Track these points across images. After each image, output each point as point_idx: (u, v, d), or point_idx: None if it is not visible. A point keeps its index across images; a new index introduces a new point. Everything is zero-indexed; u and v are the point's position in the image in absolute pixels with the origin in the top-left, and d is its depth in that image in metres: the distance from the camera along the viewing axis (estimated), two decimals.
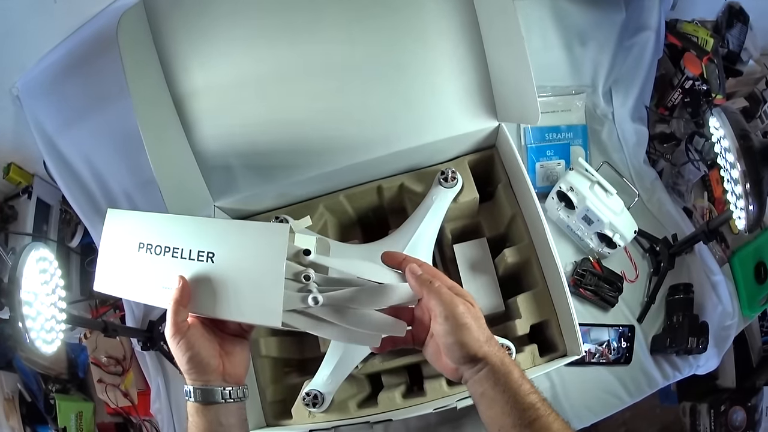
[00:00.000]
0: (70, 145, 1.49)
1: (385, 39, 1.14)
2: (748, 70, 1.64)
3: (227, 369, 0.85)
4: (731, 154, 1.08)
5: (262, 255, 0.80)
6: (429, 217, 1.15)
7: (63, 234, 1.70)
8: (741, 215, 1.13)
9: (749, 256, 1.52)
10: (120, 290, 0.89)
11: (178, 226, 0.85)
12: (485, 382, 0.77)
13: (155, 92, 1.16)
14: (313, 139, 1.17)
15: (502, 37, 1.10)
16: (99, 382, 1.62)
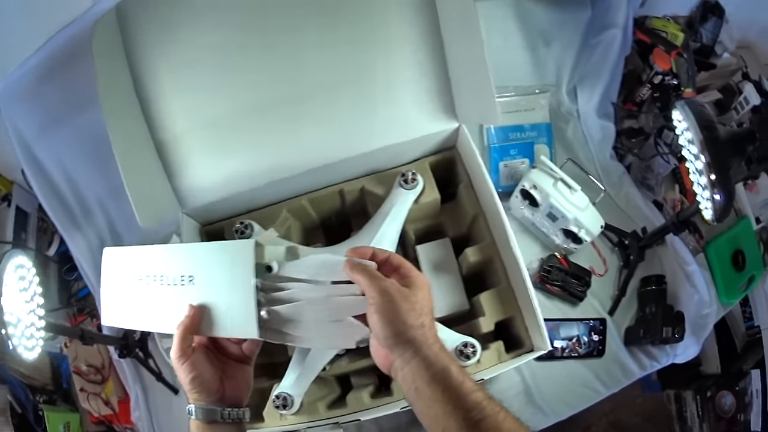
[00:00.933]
0: (46, 152, 1.44)
1: (348, 43, 1.11)
2: (722, 63, 1.59)
3: (227, 392, 0.87)
4: (694, 146, 1.05)
5: (233, 272, 0.84)
6: (390, 219, 1.10)
7: (40, 242, 1.66)
8: (708, 206, 1.09)
9: (725, 245, 1.50)
10: (124, 321, 0.93)
11: (162, 255, 0.90)
12: (418, 377, 0.72)
13: (125, 99, 1.13)
14: (275, 144, 1.14)
15: (462, 38, 1.06)
16: (81, 391, 1.59)
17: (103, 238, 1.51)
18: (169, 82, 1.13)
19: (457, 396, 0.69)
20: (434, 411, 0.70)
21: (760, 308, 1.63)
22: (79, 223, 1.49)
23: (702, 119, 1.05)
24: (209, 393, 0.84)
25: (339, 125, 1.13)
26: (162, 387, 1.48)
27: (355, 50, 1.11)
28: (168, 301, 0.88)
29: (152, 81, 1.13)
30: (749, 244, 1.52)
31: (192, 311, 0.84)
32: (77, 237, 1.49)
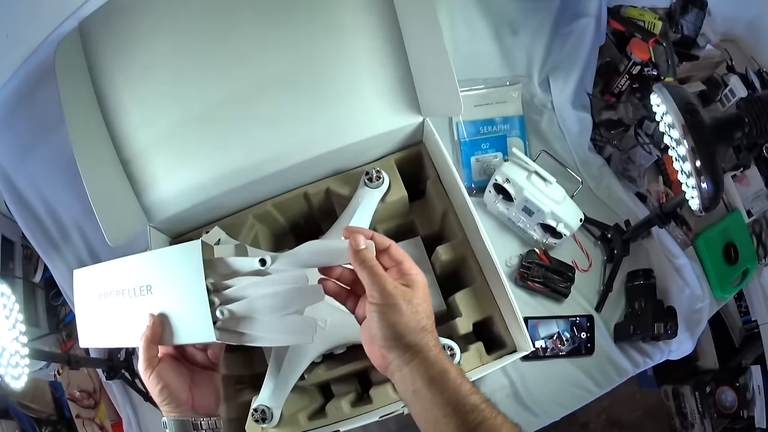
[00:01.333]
0: (24, 179, 1.42)
1: (299, 38, 1.06)
2: (705, 54, 1.53)
3: (197, 401, 0.84)
4: (676, 130, 0.97)
5: (184, 276, 0.80)
6: (356, 219, 1.05)
7: (27, 270, 1.63)
8: (694, 195, 1.01)
9: (716, 238, 1.44)
10: (100, 340, 0.90)
11: (121, 267, 0.86)
12: (417, 379, 0.68)
13: (90, 119, 1.09)
14: (233, 149, 1.09)
15: (420, 28, 1.02)
16: (77, 417, 1.55)
17: (82, 259, 1.48)
18: (128, 93, 1.09)
19: (456, 398, 0.66)
20: (432, 414, 0.67)
21: (756, 302, 1.57)
22: (58, 246, 1.47)
23: (682, 102, 0.97)
24: (179, 403, 0.82)
25: (297, 125, 1.08)
26: (151, 406, 1.44)
27: (306, 44, 1.06)
28: (132, 314, 0.85)
29: (113, 95, 1.10)
30: (741, 237, 1.46)
31: (152, 321, 0.81)
32: (57, 260, 1.46)
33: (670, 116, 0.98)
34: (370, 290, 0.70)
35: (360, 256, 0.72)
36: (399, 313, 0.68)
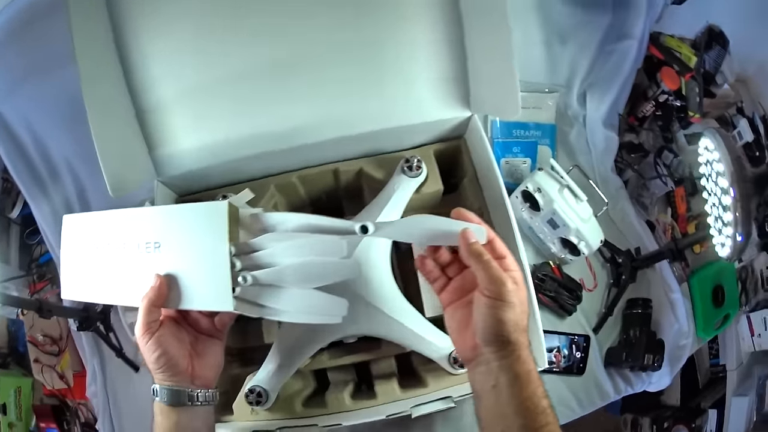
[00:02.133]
0: (13, 112, 1.32)
1: (359, 11, 0.99)
2: (721, 93, 1.53)
3: (197, 371, 0.80)
4: (725, 179, 0.98)
5: (204, 237, 0.75)
6: (390, 207, 0.99)
7: (4, 204, 1.53)
8: (726, 242, 1.03)
9: (708, 278, 1.44)
10: (86, 294, 0.85)
11: (123, 220, 0.81)
12: (503, 374, 0.68)
13: (103, 58, 0.98)
14: (268, 114, 1.01)
15: (486, 21, 0.96)
16: (35, 362, 1.45)
17: (70, 202, 1.39)
18: (153, 41, 1.00)
19: (531, 399, 0.67)
20: (504, 410, 0.68)
21: (728, 348, 1.58)
22: (44, 186, 1.38)
23: (734, 153, 0.99)
24: (176, 372, 0.77)
25: (341, 98, 1.01)
26: (121, 363, 1.36)
27: (366, 19, 1.00)
28: (131, 271, 0.79)
29: (135, 40, 0.99)
30: (730, 282, 1.47)
31: (158, 281, 0.76)
32: (41, 200, 1.38)
33: (722, 165, 1.00)
34: (487, 284, 0.70)
35: (475, 248, 0.72)
36: (510, 311, 0.69)
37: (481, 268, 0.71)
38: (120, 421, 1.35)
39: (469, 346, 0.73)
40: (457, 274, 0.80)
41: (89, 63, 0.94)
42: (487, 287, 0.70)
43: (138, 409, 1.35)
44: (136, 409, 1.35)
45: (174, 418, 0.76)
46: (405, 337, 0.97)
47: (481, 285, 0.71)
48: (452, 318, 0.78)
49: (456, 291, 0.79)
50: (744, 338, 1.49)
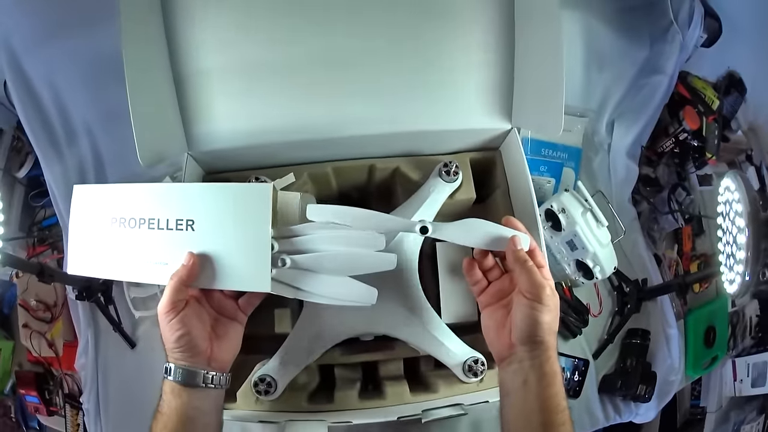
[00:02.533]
0: (36, 67, 1.29)
1: (417, 14, 1.00)
2: (734, 139, 1.57)
3: (215, 353, 0.80)
4: (742, 219, 1.02)
5: (245, 218, 0.76)
6: (424, 209, 0.99)
7: (11, 163, 1.50)
8: (736, 279, 1.06)
9: (703, 318, 1.46)
10: (97, 269, 0.83)
11: (152, 194, 0.80)
12: (533, 372, 0.74)
13: (148, 17, 0.97)
14: (314, 103, 1.01)
15: (539, 39, 0.98)
16: (24, 326, 1.43)
17: (84, 167, 1.37)
18: (205, 8, 0.99)
19: (555, 398, 0.73)
20: (530, 406, 0.73)
21: (711, 390, 1.59)
22: (60, 148, 1.35)
23: (752, 195, 1.03)
24: (195, 354, 0.77)
25: (389, 96, 1.02)
26: (117, 338, 1.34)
27: (424, 23, 1.01)
28: (158, 248, 0.78)
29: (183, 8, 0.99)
30: (722, 324, 1.50)
31: (191, 260, 0.76)
32: (54, 162, 1.35)
33: (741, 205, 1.03)
34: (528, 287, 0.76)
35: (521, 255, 0.79)
36: (547, 314, 0.75)
37: (525, 272, 0.77)
38: (106, 397, 1.33)
39: (505, 344, 0.79)
40: (497, 279, 0.86)
41: (132, 21, 0.93)
42: (528, 290, 0.76)
43: (127, 387, 1.33)
44: (124, 387, 1.33)
45: (185, 397, 0.75)
46: (424, 340, 0.97)
47: (522, 288, 0.77)
48: (490, 318, 0.83)
49: (495, 294, 0.84)
50: (727, 382, 1.52)
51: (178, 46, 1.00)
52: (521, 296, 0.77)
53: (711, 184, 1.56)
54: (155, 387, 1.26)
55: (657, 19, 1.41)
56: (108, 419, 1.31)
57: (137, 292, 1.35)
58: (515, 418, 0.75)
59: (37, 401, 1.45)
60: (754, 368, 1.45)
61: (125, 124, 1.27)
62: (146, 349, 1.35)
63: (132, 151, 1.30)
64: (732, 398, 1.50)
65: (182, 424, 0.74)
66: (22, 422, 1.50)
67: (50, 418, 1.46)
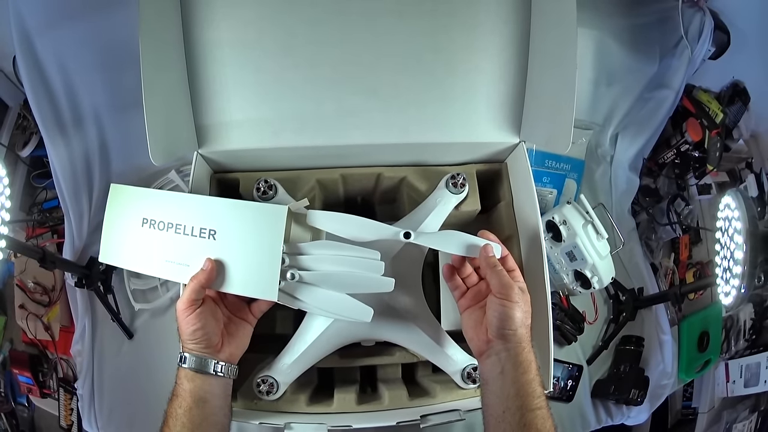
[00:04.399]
0: (47, 48, 1.29)
1: (436, 20, 1.03)
2: (736, 148, 1.61)
3: (225, 347, 0.88)
4: (740, 236, 1.07)
5: (261, 234, 0.86)
6: (431, 218, 1.03)
7: (15, 140, 1.51)
8: (731, 292, 1.12)
9: (697, 324, 1.52)
10: (124, 262, 0.93)
11: (181, 203, 0.90)
12: (509, 360, 0.81)
13: (166, 9, 0.99)
14: (331, 109, 1.04)
15: (553, 56, 1.00)
16: (21, 308, 1.45)
17: (90, 152, 1.39)
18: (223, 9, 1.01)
19: (530, 385, 0.80)
20: (508, 391, 0.80)
21: (703, 392, 1.65)
22: (66, 132, 1.36)
23: (752, 214, 1.08)
24: (208, 346, 0.86)
25: (402, 106, 1.05)
26: (114, 328, 1.37)
27: (442, 36, 1.04)
28: (182, 251, 0.89)
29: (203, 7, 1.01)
30: (715, 329, 1.54)
31: (210, 266, 0.86)
32: (60, 145, 1.35)
33: (740, 223, 1.08)
34: (498, 288, 0.86)
35: (492, 260, 0.89)
36: (517, 310, 0.84)
37: (495, 275, 0.87)
38: (101, 384, 1.36)
39: (483, 340, 0.86)
40: (474, 285, 0.94)
41: (150, 19, 0.94)
42: (499, 291, 0.85)
43: (123, 376, 1.36)
44: (120, 376, 1.36)
45: (197, 382, 0.84)
46: (425, 347, 1.02)
47: (494, 290, 0.86)
48: (469, 317, 0.91)
49: (473, 297, 0.93)
50: (719, 384, 1.57)
51: (194, 45, 1.03)
52: (493, 296, 0.86)
53: (710, 193, 1.60)
54: (152, 378, 1.34)
55: (668, 34, 1.44)
56: (102, 406, 1.35)
57: (138, 284, 1.38)
58: (494, 403, 0.81)
59: (30, 382, 1.48)
60: (747, 369, 1.50)
61: (134, 115, 1.28)
62: (144, 341, 1.39)
63: (138, 143, 1.31)
64: (724, 398, 1.56)
65: (195, 404, 0.83)
66: (11, 397, 1.53)
67: (43, 400, 1.50)
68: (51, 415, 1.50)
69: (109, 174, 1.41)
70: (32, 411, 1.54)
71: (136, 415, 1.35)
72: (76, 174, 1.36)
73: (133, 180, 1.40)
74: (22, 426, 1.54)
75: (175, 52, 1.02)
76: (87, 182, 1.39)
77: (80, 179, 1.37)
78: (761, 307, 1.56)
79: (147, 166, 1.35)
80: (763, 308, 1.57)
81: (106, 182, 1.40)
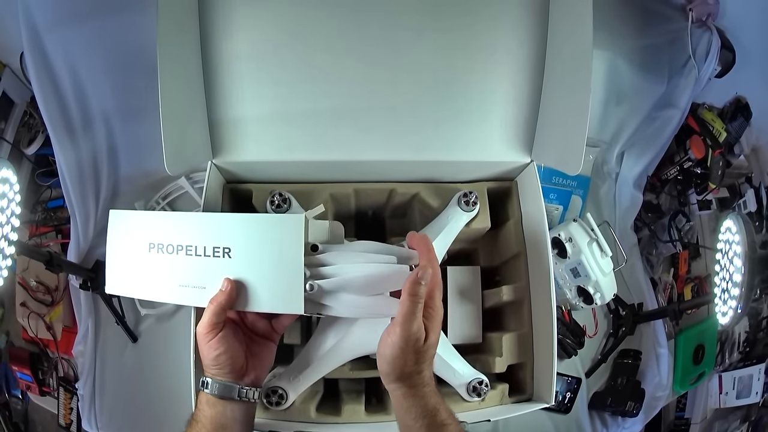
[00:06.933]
0: (57, 47, 1.30)
1: (454, 38, 1.06)
2: (737, 164, 1.67)
3: (249, 370, 0.85)
4: (739, 259, 1.12)
5: (280, 246, 0.82)
6: (442, 236, 1.07)
7: (20, 137, 1.51)
8: (729, 313, 1.16)
9: (693, 337, 1.57)
10: (134, 290, 0.89)
11: (189, 223, 0.86)
12: (402, 408, 0.81)
13: (184, 19, 1.01)
14: (348, 125, 1.07)
15: (568, 80, 1.04)
16: (22, 305, 1.46)
17: (98, 155, 1.40)
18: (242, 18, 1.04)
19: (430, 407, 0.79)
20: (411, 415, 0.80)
21: (697, 403, 1.71)
22: (74, 134, 1.37)
23: (751, 238, 1.12)
24: (232, 370, 0.83)
25: (415, 124, 1.09)
26: (117, 329, 1.39)
27: (459, 55, 1.07)
28: (196, 273, 0.84)
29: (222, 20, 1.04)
30: (711, 342, 1.61)
31: (230, 286, 0.82)
32: (68, 146, 1.36)
33: (741, 247, 1.12)
34: (397, 325, 0.79)
35: (416, 289, 0.80)
36: (407, 357, 0.79)
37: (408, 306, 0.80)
38: (103, 386, 1.38)
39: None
40: None
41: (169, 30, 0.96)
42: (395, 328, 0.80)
43: (125, 379, 1.39)
44: (122, 379, 1.39)
45: (219, 408, 0.81)
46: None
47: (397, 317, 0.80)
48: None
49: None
50: (712, 395, 1.64)
51: (212, 56, 1.05)
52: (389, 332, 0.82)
53: (710, 209, 1.66)
54: (155, 382, 1.38)
55: (677, 54, 1.49)
56: (103, 408, 1.37)
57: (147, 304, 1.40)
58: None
59: (29, 380, 1.49)
60: (739, 381, 1.57)
61: (143, 120, 1.32)
62: (148, 345, 1.41)
63: (147, 147, 1.36)
64: (716, 410, 1.62)
65: (215, 431, 0.81)
66: (5, 389, 1.54)
67: (42, 398, 1.51)
68: (46, 410, 1.51)
69: (117, 177, 1.42)
70: (26, 404, 1.55)
71: (138, 418, 1.37)
72: (83, 176, 1.37)
73: (142, 185, 1.43)
74: (15, 418, 1.54)
75: (192, 63, 1.04)
76: (94, 185, 1.39)
77: (87, 181, 1.38)
78: (756, 320, 1.63)
79: (156, 170, 1.37)
80: (757, 321, 1.64)
81: (113, 185, 1.42)
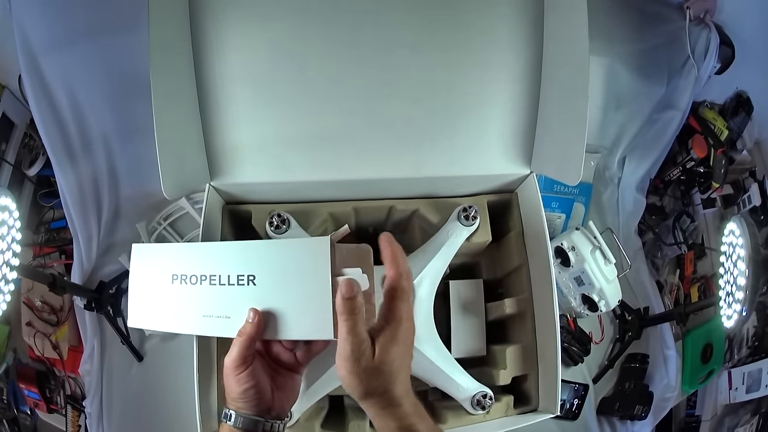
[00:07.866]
0: (54, 69, 1.30)
1: (449, 54, 1.07)
2: (739, 159, 1.65)
3: (276, 402, 0.81)
4: (743, 262, 1.12)
5: (305, 271, 0.78)
6: (442, 252, 1.08)
7: (21, 159, 1.52)
8: (733, 316, 1.17)
9: (701, 337, 1.57)
10: (158, 323, 0.88)
11: (212, 253, 0.84)
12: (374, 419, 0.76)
13: (176, 41, 1.02)
14: (345, 143, 1.08)
15: (565, 90, 1.05)
16: (28, 325, 1.47)
17: (98, 176, 1.41)
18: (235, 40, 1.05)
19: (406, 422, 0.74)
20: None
21: (707, 400, 1.70)
22: (75, 155, 1.38)
23: (756, 241, 1.12)
24: (259, 404, 0.79)
25: (414, 141, 1.10)
26: (123, 349, 1.41)
27: (453, 65, 1.08)
28: (221, 303, 0.82)
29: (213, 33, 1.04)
30: (718, 340, 1.60)
31: (256, 317, 0.79)
32: (68, 168, 1.37)
33: (745, 250, 1.12)
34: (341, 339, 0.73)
35: (346, 306, 0.73)
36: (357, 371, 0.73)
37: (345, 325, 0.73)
38: (110, 404, 1.40)
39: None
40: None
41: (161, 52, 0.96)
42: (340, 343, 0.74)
43: (132, 398, 1.40)
44: (129, 398, 1.40)
45: None
46: (436, 376, 1.07)
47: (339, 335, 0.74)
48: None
49: None
50: (722, 391, 1.62)
51: (206, 77, 1.06)
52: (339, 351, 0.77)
53: (714, 207, 1.66)
54: (161, 400, 1.40)
55: (675, 55, 1.49)
56: (111, 425, 1.39)
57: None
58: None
59: (37, 398, 1.50)
60: (749, 376, 1.55)
61: (143, 141, 1.33)
62: (154, 364, 1.42)
63: (147, 168, 1.36)
64: (726, 405, 1.60)
65: None
66: (14, 405, 1.54)
67: (50, 416, 1.52)
68: (55, 427, 1.51)
69: (118, 198, 1.44)
70: (35, 420, 1.55)
71: None
72: (85, 198, 1.38)
73: (144, 205, 1.44)
74: None
75: (186, 85, 1.04)
76: (96, 206, 1.40)
77: (89, 203, 1.39)
78: (764, 314, 1.62)
79: (157, 191, 1.34)
80: (765, 315, 1.63)
81: (115, 206, 1.43)
